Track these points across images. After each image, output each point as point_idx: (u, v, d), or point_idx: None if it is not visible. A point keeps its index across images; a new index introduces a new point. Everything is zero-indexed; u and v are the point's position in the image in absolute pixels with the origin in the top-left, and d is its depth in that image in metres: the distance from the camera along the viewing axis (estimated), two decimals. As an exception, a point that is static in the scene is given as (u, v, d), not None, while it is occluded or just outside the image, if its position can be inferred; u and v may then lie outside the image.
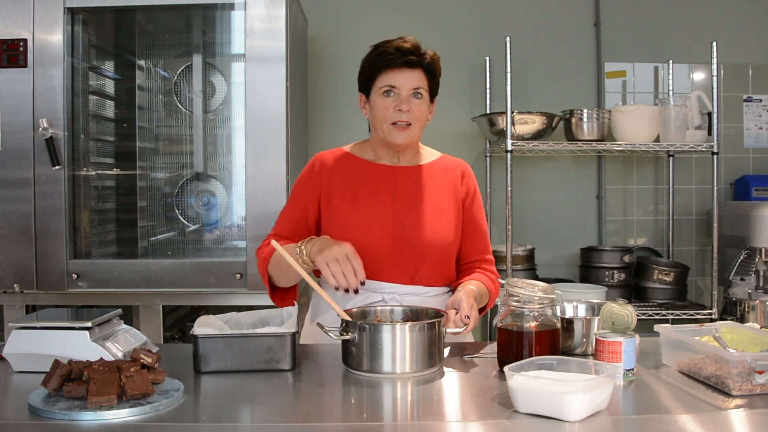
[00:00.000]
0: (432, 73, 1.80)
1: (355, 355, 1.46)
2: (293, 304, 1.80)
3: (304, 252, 1.66)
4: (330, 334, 1.48)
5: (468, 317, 1.61)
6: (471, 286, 1.75)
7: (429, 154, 1.93)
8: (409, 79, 1.76)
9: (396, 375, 1.44)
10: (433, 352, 1.47)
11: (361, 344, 1.44)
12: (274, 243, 1.65)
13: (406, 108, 1.76)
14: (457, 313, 1.62)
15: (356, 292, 1.60)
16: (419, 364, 1.45)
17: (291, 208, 1.89)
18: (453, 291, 1.81)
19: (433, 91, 1.84)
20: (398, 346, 1.43)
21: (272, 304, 2.52)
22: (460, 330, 1.58)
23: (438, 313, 1.56)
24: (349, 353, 1.48)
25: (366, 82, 1.83)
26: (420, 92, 1.78)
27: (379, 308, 1.63)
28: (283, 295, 1.87)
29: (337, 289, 1.60)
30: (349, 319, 1.51)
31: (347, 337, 1.46)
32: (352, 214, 1.80)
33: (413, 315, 1.62)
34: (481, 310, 1.82)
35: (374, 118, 1.82)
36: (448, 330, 1.55)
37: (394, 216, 1.80)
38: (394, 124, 1.77)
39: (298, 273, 1.60)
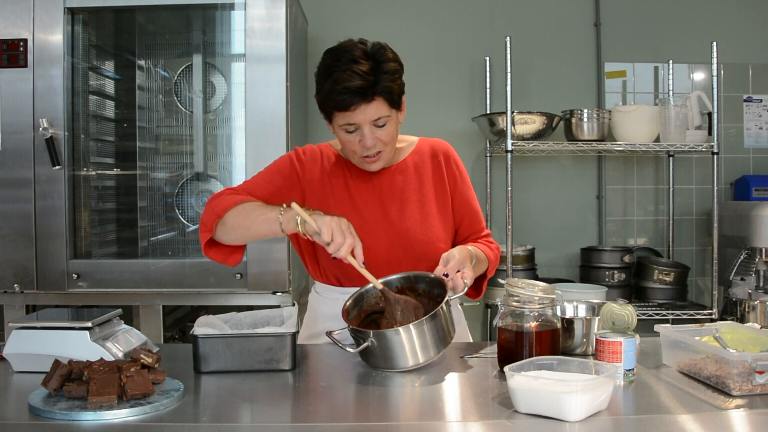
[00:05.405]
0: (390, 93, 1.64)
1: (371, 357, 1.48)
2: (235, 264, 1.73)
3: (300, 211, 1.54)
4: (348, 348, 1.48)
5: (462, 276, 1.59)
6: (469, 247, 1.72)
7: (408, 145, 1.87)
8: (368, 114, 1.62)
9: (414, 365, 1.46)
10: (445, 334, 1.50)
11: (375, 350, 1.45)
12: (295, 206, 1.55)
13: (371, 144, 1.66)
14: (448, 274, 1.60)
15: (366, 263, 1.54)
16: (436, 350, 1.48)
17: (269, 175, 1.79)
18: None
19: (398, 99, 1.68)
20: (407, 344, 1.44)
21: (272, 304, 2.54)
22: (462, 293, 1.58)
23: (435, 280, 1.59)
24: (367, 356, 1.49)
25: (324, 114, 1.70)
26: (383, 121, 1.65)
27: (371, 285, 1.60)
28: (225, 250, 1.72)
29: (334, 258, 1.55)
30: (380, 285, 1.56)
31: (366, 344, 1.45)
32: (348, 219, 1.78)
33: (407, 282, 1.64)
34: (482, 278, 1.80)
35: (343, 147, 1.74)
36: (452, 298, 1.56)
37: (385, 220, 1.77)
38: (363, 155, 1.71)
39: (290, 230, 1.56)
